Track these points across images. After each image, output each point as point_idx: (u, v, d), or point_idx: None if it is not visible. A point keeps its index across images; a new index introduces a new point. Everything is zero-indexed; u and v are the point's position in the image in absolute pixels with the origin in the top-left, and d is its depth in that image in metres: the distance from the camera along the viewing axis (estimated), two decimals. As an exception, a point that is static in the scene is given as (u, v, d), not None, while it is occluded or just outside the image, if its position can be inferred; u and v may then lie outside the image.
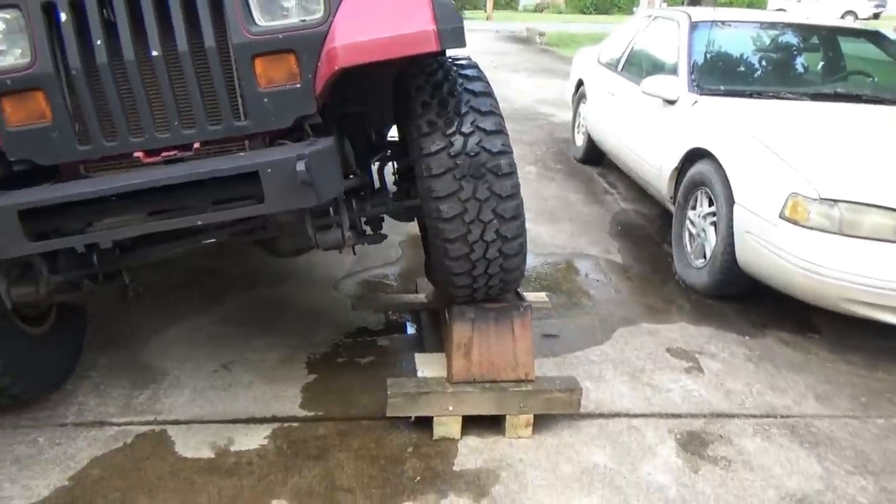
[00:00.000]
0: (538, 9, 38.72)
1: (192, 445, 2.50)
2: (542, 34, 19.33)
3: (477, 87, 2.33)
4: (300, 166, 1.86)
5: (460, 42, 2.06)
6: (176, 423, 2.62)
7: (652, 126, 4.62)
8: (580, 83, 6.67)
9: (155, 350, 3.11)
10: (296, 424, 2.64)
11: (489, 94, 2.34)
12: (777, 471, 2.48)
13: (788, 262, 3.15)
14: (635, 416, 2.76)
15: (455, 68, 2.38)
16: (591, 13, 36.46)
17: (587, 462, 2.48)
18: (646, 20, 5.79)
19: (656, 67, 5.00)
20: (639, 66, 5.40)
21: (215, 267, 3.93)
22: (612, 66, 5.89)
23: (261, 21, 2.06)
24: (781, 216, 3.19)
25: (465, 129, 2.24)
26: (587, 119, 6.26)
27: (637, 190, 5.65)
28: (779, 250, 3.19)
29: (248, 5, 2.04)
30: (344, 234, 2.30)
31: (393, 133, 2.99)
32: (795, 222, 3.14)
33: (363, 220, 2.62)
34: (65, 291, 2.37)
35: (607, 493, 2.34)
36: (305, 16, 2.07)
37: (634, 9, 40.40)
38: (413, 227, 3.63)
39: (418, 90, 2.33)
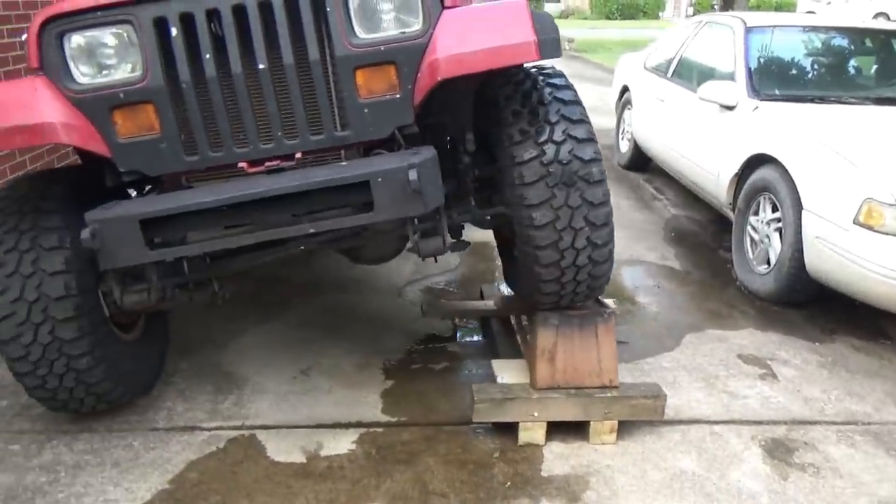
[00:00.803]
0: (563, 15, 38.69)
1: (283, 450, 2.54)
2: (570, 41, 19.32)
3: (566, 95, 2.36)
4: (413, 175, 1.90)
5: (557, 52, 2.10)
6: (264, 427, 2.67)
7: (708, 132, 4.61)
8: (625, 89, 6.67)
9: (233, 355, 3.17)
10: (380, 430, 2.67)
11: (578, 102, 2.37)
12: (866, 478, 2.46)
13: (863, 268, 3.13)
14: (716, 422, 2.76)
15: (542, 77, 2.42)
16: (616, 18, 36.37)
17: (675, 468, 2.49)
18: (695, 26, 5.79)
19: (710, 73, 4.99)
20: (691, 71, 5.39)
21: (281, 275, 3.99)
22: (660, 71, 5.88)
23: (361, 34, 2.11)
24: (856, 221, 3.17)
25: (557, 137, 2.27)
26: (633, 125, 6.26)
27: (686, 195, 5.64)
28: (853, 256, 3.17)
29: (349, 19, 2.09)
30: (445, 241, 2.33)
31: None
32: (870, 227, 3.12)
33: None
34: (168, 299, 2.43)
35: (699, 499, 2.34)
36: (404, 28, 2.12)
37: (660, 14, 40.28)
38: (472, 235, 3.66)
39: (507, 100, 2.36)
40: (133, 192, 2.51)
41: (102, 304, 2.45)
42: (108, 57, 2.08)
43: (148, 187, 2.51)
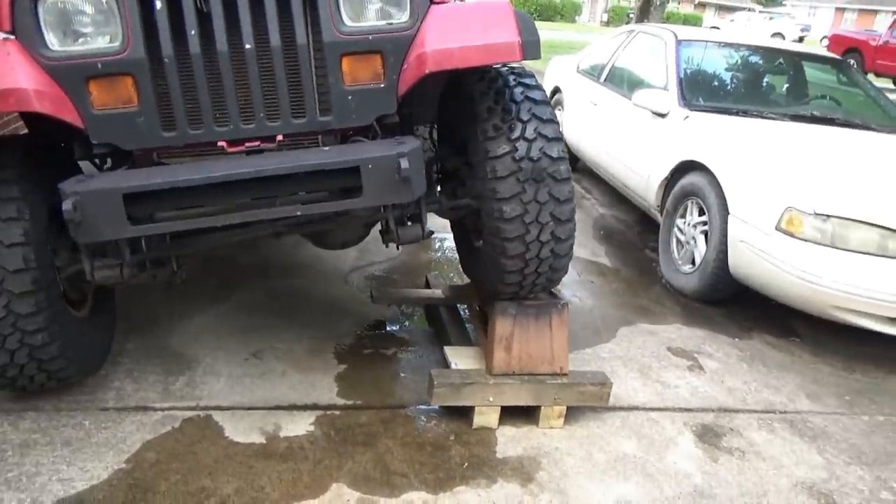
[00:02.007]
0: (484, 11, 39.04)
1: (241, 430, 2.54)
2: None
3: (537, 95, 2.47)
4: (404, 163, 1.96)
5: (537, 54, 2.20)
6: (219, 408, 2.65)
7: (640, 137, 4.87)
8: (556, 90, 6.89)
9: (183, 336, 3.12)
10: (338, 412, 2.71)
11: (547, 102, 2.48)
12: (786, 461, 2.72)
13: (782, 271, 3.42)
14: (652, 409, 2.96)
15: (514, 77, 2.51)
16: (534, 19, 37.08)
17: (617, 451, 2.66)
18: (628, 34, 6.06)
19: (642, 81, 5.25)
20: (623, 78, 5.65)
21: (225, 257, 3.93)
22: (593, 76, 6.13)
23: (349, 21, 2.14)
24: (777, 228, 3.46)
25: (529, 134, 2.38)
26: (564, 126, 6.47)
27: (612, 195, 5.91)
28: (774, 260, 3.46)
29: (338, 6, 2.11)
30: (424, 229, 2.39)
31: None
32: (790, 234, 3.41)
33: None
34: (135, 276, 2.37)
35: (641, 479, 2.52)
36: (391, 19, 2.17)
37: (577, 17, 41.45)
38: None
39: (482, 96, 2.45)
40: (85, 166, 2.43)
41: (57, 279, 2.37)
42: (86, 25, 2.02)
43: (107, 162, 2.44)
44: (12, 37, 1.99)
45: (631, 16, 20.10)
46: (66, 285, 2.44)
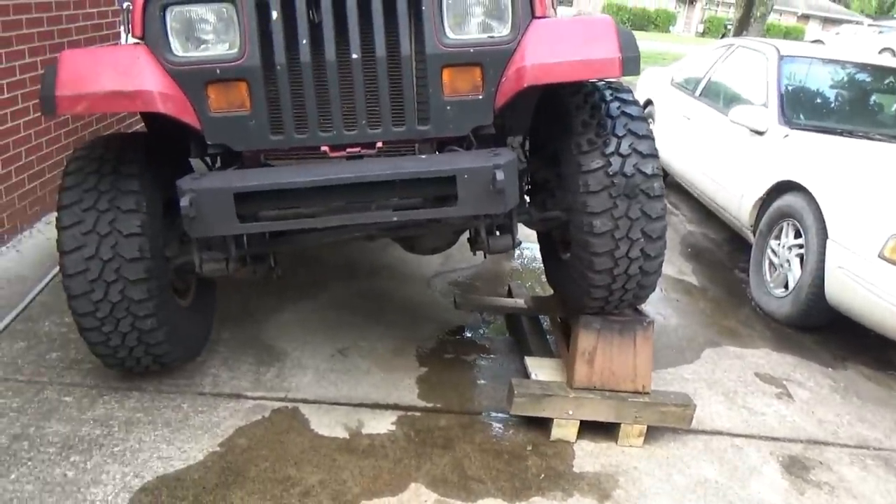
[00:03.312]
0: (575, 19, 38.70)
1: (326, 424, 2.64)
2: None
3: (633, 111, 2.46)
4: (500, 175, 2.00)
5: (636, 70, 2.20)
6: (305, 401, 2.76)
7: (736, 154, 4.74)
8: (648, 103, 6.77)
9: (273, 330, 3.26)
10: (418, 413, 2.77)
11: (644, 118, 2.47)
12: (878, 500, 2.60)
13: (884, 301, 3.27)
14: (736, 435, 2.89)
15: (610, 91, 2.51)
16: (627, 28, 36.48)
17: (698, 475, 2.61)
18: (726, 48, 5.90)
19: (740, 97, 5.11)
20: (720, 92, 5.51)
21: (314, 256, 4.07)
22: (687, 89, 6.00)
23: (451, 34, 2.19)
24: (880, 255, 3.30)
25: (624, 150, 2.37)
26: (655, 139, 6.35)
27: (701, 212, 5.77)
28: (874, 288, 3.31)
29: (442, 19, 2.17)
30: (514, 240, 2.43)
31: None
32: (894, 263, 3.25)
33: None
34: (238, 270, 2.51)
35: (722, 505, 2.47)
36: (493, 33, 2.21)
37: (671, 27, 40.48)
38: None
39: (578, 109, 2.46)
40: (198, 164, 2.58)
41: (167, 269, 2.52)
42: (208, 33, 2.15)
43: (218, 162, 2.59)
44: (142, 42, 2.14)
45: (729, 27, 19.52)
46: (174, 275, 2.60)
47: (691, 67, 6.30)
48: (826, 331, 3.84)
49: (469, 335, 3.47)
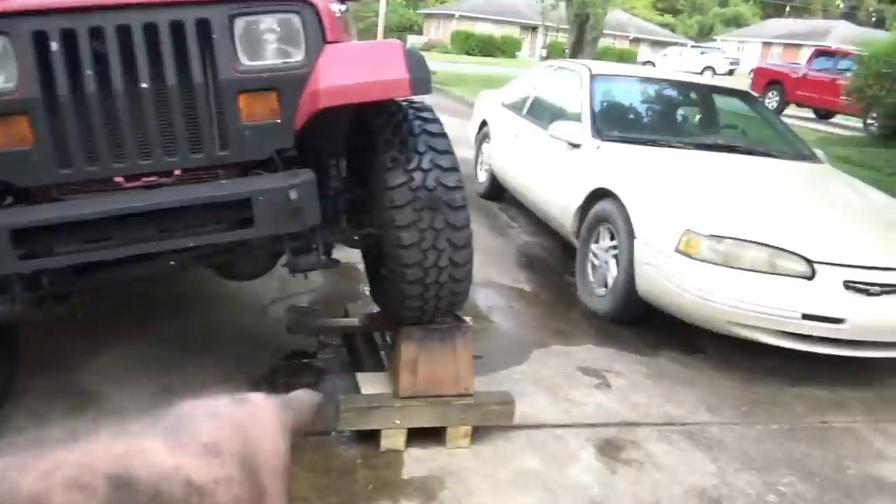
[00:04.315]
0: (426, 47, 39.82)
1: (147, 463, 2.54)
2: (433, 73, 19.91)
3: (434, 128, 2.60)
4: (293, 194, 2.05)
5: (427, 90, 2.34)
6: (125, 442, 2.65)
7: (557, 167, 5.07)
8: (483, 123, 7.10)
9: (90, 374, 3.10)
10: (247, 441, 2.74)
11: (444, 135, 2.62)
12: (681, 470, 2.86)
13: (682, 290, 3.62)
14: (557, 426, 3.08)
15: (413, 110, 2.65)
16: (475, 55, 37.99)
17: (521, 467, 2.76)
18: (547, 69, 6.32)
19: (560, 113, 5.49)
20: (543, 111, 5.88)
21: (139, 292, 3.92)
22: (516, 109, 6.36)
23: (245, 60, 2.23)
24: (677, 250, 3.66)
25: (425, 165, 2.50)
26: (491, 158, 6.68)
27: (537, 224, 6.10)
28: (674, 279, 3.66)
29: (234, 46, 2.21)
30: (320, 258, 2.48)
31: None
32: (689, 255, 3.62)
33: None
34: (28, 312, 2.38)
35: (541, 493, 2.62)
36: (287, 58, 2.27)
37: (517, 53, 42.46)
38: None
39: (381, 129, 2.57)
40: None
41: None
42: (-22, 66, 2.07)
43: (9, 198, 2.46)
44: None
45: (566, 52, 20.76)
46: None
47: (518, 89, 6.68)
48: (643, 324, 4.17)
49: (306, 360, 3.47)
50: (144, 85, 2.13)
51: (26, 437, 0.44)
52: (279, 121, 2.27)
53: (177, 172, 2.24)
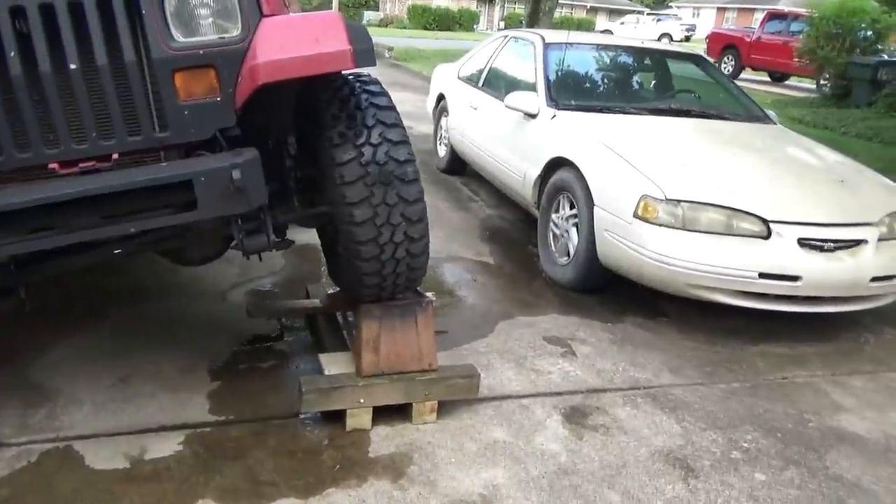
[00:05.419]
0: (383, 23, 39.32)
1: (104, 457, 2.48)
2: (390, 49, 19.73)
3: (382, 101, 2.54)
4: (236, 174, 1.98)
5: (371, 61, 2.27)
6: (80, 437, 2.58)
7: (515, 138, 5.04)
8: (441, 97, 7.02)
9: (43, 368, 3.01)
10: (208, 429, 2.69)
11: (393, 108, 2.56)
12: (646, 432, 2.88)
13: (642, 255, 3.63)
14: (524, 396, 3.08)
15: (359, 84, 2.58)
16: (433, 29, 37.63)
17: (488, 439, 2.75)
18: (502, 40, 6.26)
19: (516, 84, 5.44)
20: (499, 81, 5.83)
21: (92, 283, 3.81)
22: (472, 81, 6.29)
23: (179, 37, 2.14)
24: (635, 215, 3.66)
25: (374, 140, 2.45)
26: (450, 132, 6.62)
27: (499, 197, 6.07)
28: (634, 245, 3.67)
29: (166, 22, 2.11)
30: (269, 239, 2.41)
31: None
32: (647, 220, 3.62)
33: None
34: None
35: (509, 462, 2.62)
36: (223, 33, 2.18)
37: (475, 26, 42.15)
38: (298, 237, 3.75)
39: (328, 104, 2.50)
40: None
41: None
42: None
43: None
44: None
45: (523, 23, 20.62)
46: None
47: (474, 61, 6.60)
48: (607, 291, 4.19)
49: (268, 343, 3.42)
50: (73, 66, 2.03)
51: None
52: (219, 99, 2.18)
53: (115, 156, 2.15)
